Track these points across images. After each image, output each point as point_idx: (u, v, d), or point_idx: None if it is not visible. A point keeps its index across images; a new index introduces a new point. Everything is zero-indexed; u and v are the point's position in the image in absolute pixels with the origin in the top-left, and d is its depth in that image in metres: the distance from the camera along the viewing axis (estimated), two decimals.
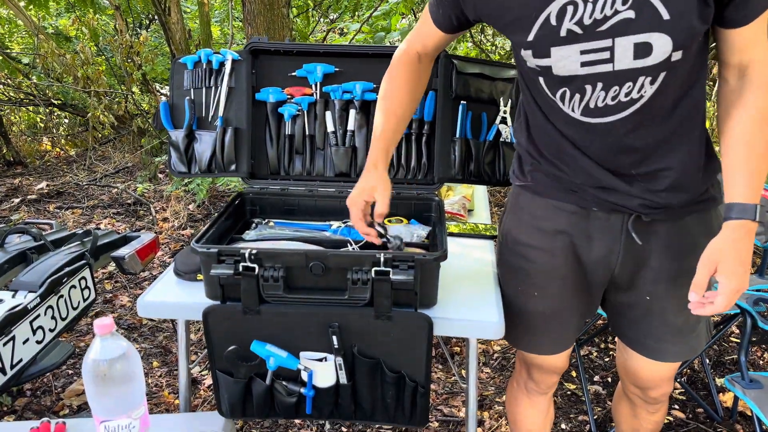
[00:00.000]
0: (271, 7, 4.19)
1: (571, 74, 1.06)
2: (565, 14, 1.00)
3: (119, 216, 4.27)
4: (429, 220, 1.60)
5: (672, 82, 1.04)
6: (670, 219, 1.18)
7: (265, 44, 1.61)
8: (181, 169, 1.65)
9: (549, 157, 1.22)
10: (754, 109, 1.03)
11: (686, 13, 0.96)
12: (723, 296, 1.01)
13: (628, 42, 0.99)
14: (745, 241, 1.02)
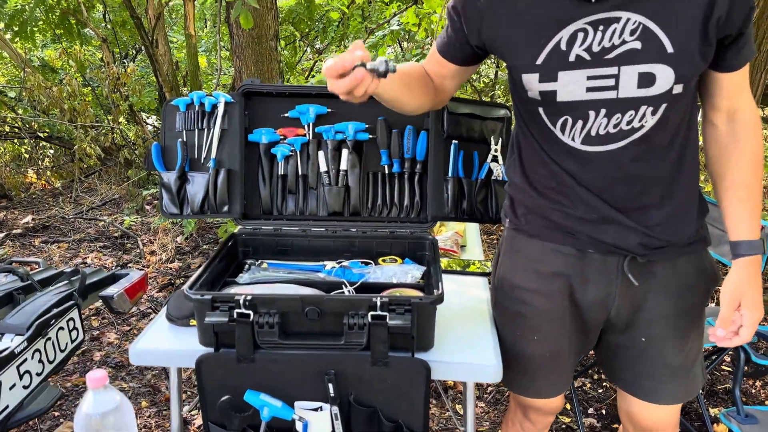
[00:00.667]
0: (259, 40, 4.23)
1: (576, 99, 1.09)
2: (576, 40, 1.05)
3: (106, 249, 4.22)
4: (423, 259, 1.60)
5: (672, 115, 1.08)
6: (664, 260, 1.19)
7: (257, 86, 1.62)
8: (173, 211, 1.64)
9: (545, 192, 1.23)
10: (749, 153, 1.11)
11: (689, 48, 1.01)
12: (748, 328, 1.12)
13: (633, 71, 1.04)
14: (758, 274, 1.12)
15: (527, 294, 1.28)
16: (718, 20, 1.00)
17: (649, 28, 1.01)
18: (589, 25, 1.04)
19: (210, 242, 4.34)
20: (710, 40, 1.02)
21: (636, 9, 1.01)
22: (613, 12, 1.02)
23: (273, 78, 4.36)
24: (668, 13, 1.00)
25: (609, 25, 1.03)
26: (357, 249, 1.62)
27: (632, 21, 1.01)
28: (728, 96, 1.11)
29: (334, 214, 1.67)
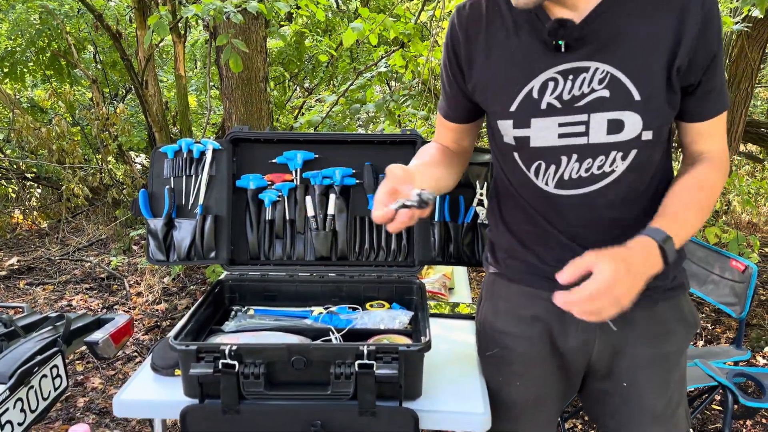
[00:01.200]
0: (248, 82, 4.28)
1: (548, 145, 1.11)
2: (547, 89, 1.08)
3: (92, 291, 4.17)
4: (411, 304, 1.60)
5: (642, 161, 1.09)
6: (643, 306, 1.19)
7: (246, 133, 1.64)
8: (159, 258, 1.63)
9: (522, 236, 1.24)
10: (703, 176, 1.10)
11: (655, 96, 1.04)
12: (594, 283, 0.92)
13: (602, 118, 1.06)
14: (644, 256, 0.98)
15: (509, 339, 1.28)
16: (678, 69, 1.03)
17: (617, 77, 1.04)
18: (560, 74, 1.07)
19: (197, 283, 4.31)
20: (675, 88, 1.05)
21: (603, 59, 1.04)
22: (581, 62, 1.06)
23: (262, 118, 4.40)
24: (635, 63, 1.04)
25: (578, 74, 1.06)
26: (344, 294, 1.62)
27: (600, 70, 1.05)
28: (696, 142, 1.14)
29: (322, 258, 1.67)
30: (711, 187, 1.09)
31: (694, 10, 1.01)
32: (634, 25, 1.04)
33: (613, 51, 1.04)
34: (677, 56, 1.02)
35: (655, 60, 1.03)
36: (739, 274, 2.01)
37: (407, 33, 3.77)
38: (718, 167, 1.12)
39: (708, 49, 1.03)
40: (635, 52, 1.04)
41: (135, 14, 6.13)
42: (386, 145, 1.66)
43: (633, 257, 0.96)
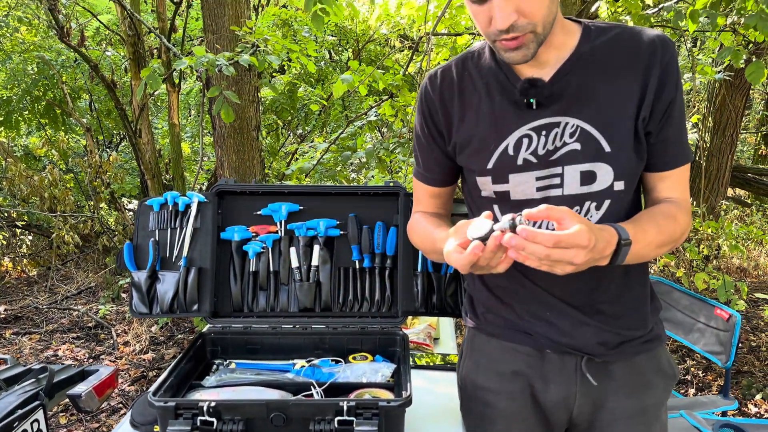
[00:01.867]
0: (240, 131, 4.34)
1: (528, 198, 1.13)
2: (522, 145, 1.11)
3: (79, 341, 4.12)
4: (394, 356, 1.59)
5: (615, 211, 1.12)
6: (621, 359, 1.20)
7: (231, 186, 1.66)
8: (143, 310, 1.63)
9: (498, 291, 1.25)
10: (666, 207, 1.12)
11: (624, 147, 1.08)
12: (563, 233, 0.89)
13: (575, 170, 1.09)
14: (604, 239, 0.95)
15: (490, 395, 1.27)
16: (643, 119, 1.08)
17: (587, 130, 1.08)
18: (533, 131, 1.11)
19: (185, 331, 4.26)
20: (641, 138, 1.09)
21: (573, 114, 1.09)
22: (553, 118, 1.10)
23: (254, 166, 4.44)
24: (603, 117, 1.08)
25: (551, 129, 1.10)
26: (327, 346, 1.61)
27: (570, 125, 1.09)
28: (659, 192, 1.16)
29: (306, 310, 1.67)
30: (673, 216, 1.10)
31: (655, 67, 1.07)
32: (601, 82, 1.09)
33: (582, 106, 1.09)
34: (641, 109, 1.07)
35: (621, 113, 1.08)
36: (724, 322, 2.02)
37: (396, 84, 3.85)
38: (683, 208, 1.14)
39: (665, 98, 1.08)
40: (603, 107, 1.08)
41: (130, 65, 6.24)
42: (369, 196, 1.69)
43: (599, 235, 0.94)
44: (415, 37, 5.22)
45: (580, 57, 1.10)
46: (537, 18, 1.00)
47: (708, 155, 6.11)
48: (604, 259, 0.96)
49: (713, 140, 6.04)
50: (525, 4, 0.98)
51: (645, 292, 1.22)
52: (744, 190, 7.62)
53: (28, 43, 7.38)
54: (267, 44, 3.77)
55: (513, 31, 1.00)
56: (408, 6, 4.64)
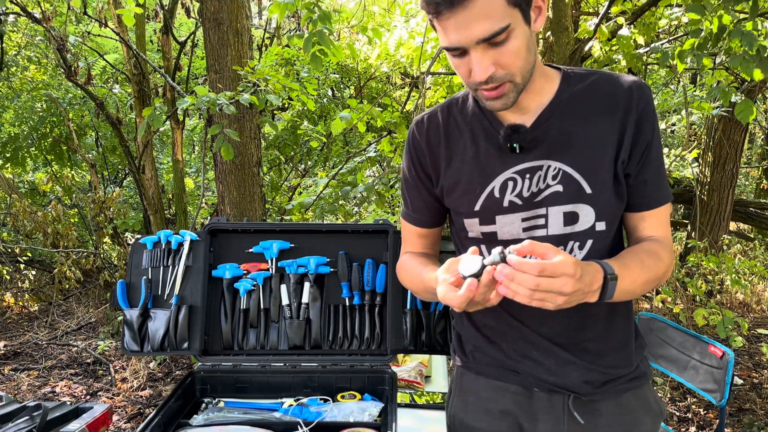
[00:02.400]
0: (242, 167, 4.39)
1: (514, 238, 1.16)
2: (507, 188, 1.15)
3: (77, 377, 4.11)
4: (383, 394, 1.59)
5: (598, 250, 1.15)
6: (608, 397, 1.20)
7: (224, 224, 1.69)
8: (134, 348, 1.64)
9: (486, 331, 1.27)
10: (648, 245, 1.14)
11: (605, 189, 1.11)
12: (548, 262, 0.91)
13: (559, 211, 1.13)
14: (591, 273, 0.97)
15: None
16: (622, 162, 1.11)
17: (568, 172, 1.12)
18: (517, 174, 1.14)
19: (183, 368, 4.25)
20: (620, 181, 1.12)
21: (555, 158, 1.12)
22: (535, 161, 1.13)
23: (254, 201, 4.49)
24: (583, 160, 1.12)
25: (534, 172, 1.13)
26: (316, 384, 1.62)
27: (552, 168, 1.12)
28: (641, 231, 1.19)
29: (295, 347, 1.68)
30: (656, 254, 1.12)
31: (633, 111, 1.11)
32: (580, 126, 1.13)
33: (563, 150, 1.12)
34: (620, 152, 1.11)
35: (601, 156, 1.11)
36: (717, 359, 2.01)
37: (393, 122, 3.92)
38: (665, 246, 1.16)
39: (643, 141, 1.12)
40: (583, 150, 1.12)
41: (135, 102, 6.36)
42: (359, 234, 1.71)
43: (585, 269, 0.96)
44: (416, 75, 5.32)
45: (560, 103, 1.14)
46: (514, 69, 1.04)
47: (709, 190, 6.13)
48: (592, 294, 0.98)
49: (713, 175, 6.06)
50: (502, 57, 1.02)
51: (630, 329, 1.24)
52: (746, 224, 7.62)
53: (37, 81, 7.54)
54: (268, 84, 3.85)
55: (492, 82, 1.04)
56: (406, 46, 4.74)
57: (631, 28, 3.48)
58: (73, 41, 5.99)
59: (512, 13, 0.99)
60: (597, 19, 3.63)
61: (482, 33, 0.98)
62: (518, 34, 1.01)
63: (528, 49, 1.05)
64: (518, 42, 1.02)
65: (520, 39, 1.02)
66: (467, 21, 0.97)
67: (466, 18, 0.97)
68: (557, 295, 0.92)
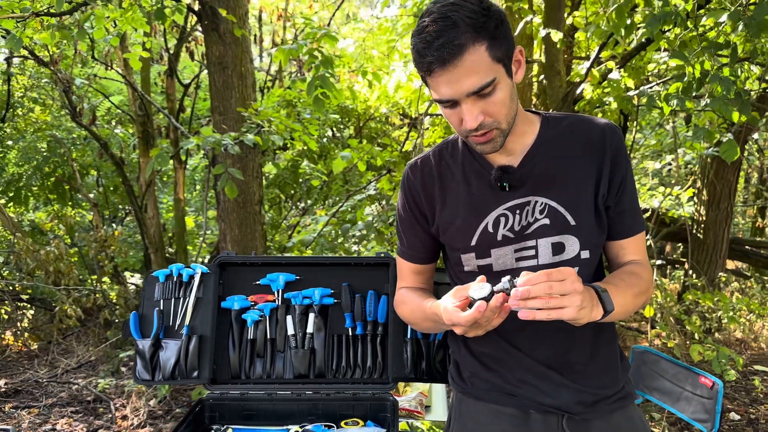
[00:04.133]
0: (244, 206, 4.49)
1: (508, 268, 1.26)
2: (500, 224, 1.25)
3: (77, 414, 4.11)
4: (385, 421, 1.65)
5: (584, 277, 1.23)
6: (598, 417, 1.28)
7: (233, 258, 1.77)
8: (146, 377, 1.70)
9: (483, 358, 1.35)
10: (630, 267, 1.27)
11: (588, 220, 1.23)
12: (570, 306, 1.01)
13: (547, 242, 1.23)
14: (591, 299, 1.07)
15: None
16: (603, 196, 1.24)
17: (553, 206, 1.24)
18: (508, 210, 1.25)
19: (182, 405, 4.25)
20: (601, 213, 1.24)
21: (542, 194, 1.24)
22: (524, 198, 1.25)
23: (255, 239, 4.56)
24: (566, 194, 1.23)
25: (523, 208, 1.25)
26: (321, 412, 1.68)
27: (539, 203, 1.24)
28: (621, 258, 1.31)
29: (300, 376, 1.74)
30: (635, 273, 1.25)
31: (608, 151, 1.24)
32: (561, 165, 1.25)
33: (547, 186, 1.24)
34: (600, 186, 1.23)
35: (582, 191, 1.23)
36: (708, 390, 2.07)
37: (393, 161, 4.04)
38: (643, 266, 1.28)
39: (618, 176, 1.25)
40: (565, 186, 1.24)
41: (139, 142, 6.50)
42: (362, 267, 1.79)
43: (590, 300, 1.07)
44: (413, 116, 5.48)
45: (542, 144, 1.26)
46: (500, 117, 1.16)
47: (705, 228, 6.22)
48: (597, 306, 1.08)
49: (708, 213, 6.16)
50: (489, 107, 1.14)
51: (615, 352, 1.33)
52: (743, 262, 7.70)
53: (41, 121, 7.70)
54: (271, 125, 3.98)
55: (481, 129, 1.16)
56: (405, 89, 4.91)
57: (621, 72, 3.64)
58: (78, 83, 6.16)
59: (496, 68, 1.11)
60: (588, 63, 3.79)
61: (471, 87, 1.10)
62: (503, 86, 1.13)
63: (511, 99, 1.17)
64: (503, 93, 1.14)
65: (505, 90, 1.14)
66: (457, 77, 1.09)
67: (456, 74, 1.09)
68: (573, 295, 1.01)
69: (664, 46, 3.53)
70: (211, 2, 4.21)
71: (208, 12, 4.24)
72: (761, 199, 9.63)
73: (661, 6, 2.48)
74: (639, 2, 3.05)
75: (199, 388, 3.82)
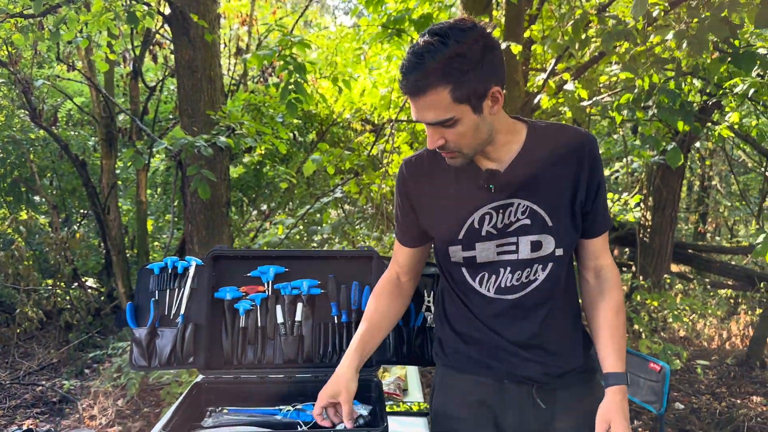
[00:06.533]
0: (211, 207, 4.54)
1: (490, 260, 1.43)
2: (484, 221, 1.42)
3: (43, 416, 4.10)
4: (370, 400, 1.79)
5: (555, 272, 1.43)
6: (564, 387, 1.47)
7: (225, 251, 1.89)
8: (142, 364, 1.80)
9: (464, 336, 1.52)
10: (612, 301, 1.45)
11: (563, 222, 1.40)
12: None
13: (527, 240, 1.41)
14: (625, 400, 1.36)
15: (458, 423, 1.51)
16: (581, 203, 1.41)
17: (534, 208, 1.41)
18: (493, 210, 1.42)
19: (151, 405, 4.28)
20: (576, 216, 1.41)
21: (524, 197, 1.41)
22: (508, 199, 1.42)
23: (223, 240, 4.62)
24: (546, 198, 1.40)
25: (506, 208, 1.42)
26: (310, 393, 1.79)
27: (521, 205, 1.41)
28: (593, 257, 1.50)
29: (290, 361, 1.86)
30: (622, 307, 1.46)
31: (585, 159, 1.41)
32: (543, 171, 1.41)
33: (530, 190, 1.41)
34: (578, 191, 1.40)
35: (560, 195, 1.41)
36: (656, 374, 2.30)
37: (361, 164, 4.19)
38: (616, 285, 1.48)
39: (595, 182, 1.42)
40: (545, 191, 1.41)
41: (102, 144, 6.45)
42: (347, 259, 1.93)
43: (624, 409, 1.36)
44: (377, 122, 5.64)
45: (527, 152, 1.42)
46: (461, 145, 1.33)
47: (651, 233, 6.57)
48: (625, 395, 1.38)
49: (654, 219, 6.50)
50: (449, 136, 1.31)
51: (578, 334, 1.52)
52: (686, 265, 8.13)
53: None
54: (242, 127, 4.07)
55: (443, 150, 1.35)
56: (372, 94, 5.06)
57: (575, 83, 3.89)
58: (38, 84, 6.08)
59: (458, 108, 1.26)
60: (545, 74, 4.03)
61: (430, 119, 1.29)
62: (465, 122, 1.29)
63: (476, 131, 1.31)
64: (464, 128, 1.30)
65: (466, 125, 1.29)
66: (422, 107, 1.28)
67: (421, 105, 1.28)
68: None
69: (616, 59, 3.79)
70: (181, 7, 4.28)
71: (178, 16, 4.30)
72: (703, 205, 10.18)
73: (614, 23, 2.71)
74: (593, 19, 3.29)
75: (169, 388, 3.87)
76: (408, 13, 3.74)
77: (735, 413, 4.17)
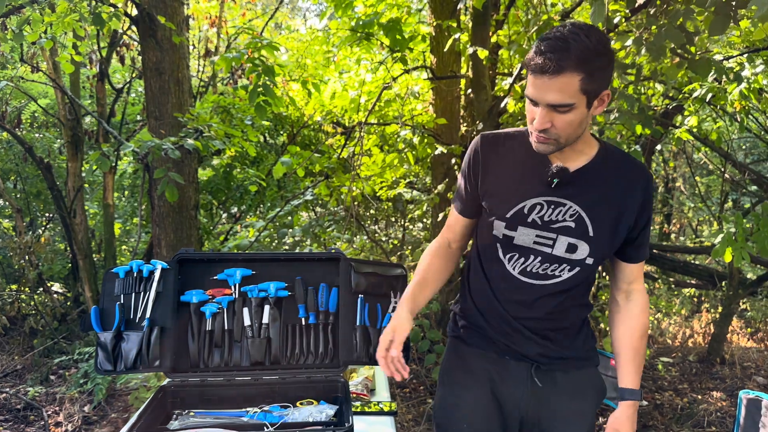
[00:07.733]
0: (179, 210, 4.51)
1: (525, 245, 1.53)
2: (534, 210, 1.51)
3: (7, 423, 4.01)
4: (337, 401, 1.81)
5: (580, 276, 1.54)
6: (562, 370, 1.59)
7: (191, 254, 1.89)
8: (107, 368, 1.79)
9: (481, 309, 1.63)
10: (639, 325, 1.58)
11: (603, 236, 1.50)
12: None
13: (565, 240, 1.50)
14: (635, 414, 1.57)
15: (461, 389, 1.64)
16: (628, 227, 1.51)
17: (582, 215, 1.50)
18: (545, 202, 1.51)
19: (119, 411, 4.23)
20: (619, 235, 1.52)
21: (577, 201, 1.50)
22: (562, 198, 1.50)
23: (191, 244, 4.59)
24: (596, 210, 1.50)
25: (558, 206, 1.50)
26: (277, 395, 1.82)
27: (572, 208, 1.50)
28: (628, 281, 1.61)
29: (257, 363, 1.87)
30: (646, 331, 1.61)
31: (642, 193, 1.52)
32: (604, 187, 1.51)
33: (585, 198, 1.50)
34: (625, 216, 1.50)
35: (609, 212, 1.50)
36: (615, 370, 2.36)
37: (331, 167, 4.20)
38: (645, 310, 1.61)
39: (645, 215, 1.53)
40: (599, 204, 1.50)
41: (67, 147, 6.34)
42: (314, 261, 1.95)
43: (633, 422, 1.55)
44: (347, 125, 5.65)
45: (596, 165, 1.52)
46: (563, 133, 1.40)
47: None
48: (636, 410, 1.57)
49: None
50: (558, 121, 1.38)
51: (583, 328, 1.64)
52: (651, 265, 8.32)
53: None
54: (211, 130, 4.05)
55: (544, 134, 1.40)
56: (342, 96, 5.08)
57: None
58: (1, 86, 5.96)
59: (580, 97, 1.34)
60: (511, 79, 4.10)
61: (552, 101, 1.34)
62: (577, 112, 1.36)
63: (579, 125, 1.40)
64: (574, 117, 1.37)
65: (577, 116, 1.37)
66: (547, 87, 1.33)
67: (548, 85, 1.33)
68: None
69: None
70: (148, 9, 4.24)
71: (145, 18, 4.27)
72: (667, 206, 10.43)
73: None
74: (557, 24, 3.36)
75: (137, 392, 3.83)
76: (377, 18, 3.76)
77: (696, 408, 4.29)
